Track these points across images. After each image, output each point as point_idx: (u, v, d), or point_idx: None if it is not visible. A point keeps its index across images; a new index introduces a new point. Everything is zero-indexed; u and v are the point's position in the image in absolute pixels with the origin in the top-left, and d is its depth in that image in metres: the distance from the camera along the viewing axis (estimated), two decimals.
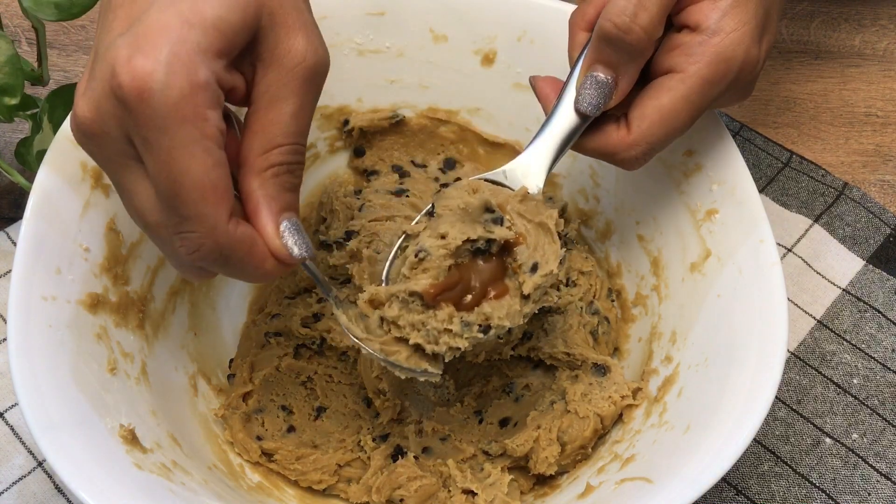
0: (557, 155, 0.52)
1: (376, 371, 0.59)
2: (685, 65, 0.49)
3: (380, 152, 0.70)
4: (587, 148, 0.52)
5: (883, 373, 0.66)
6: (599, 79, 0.49)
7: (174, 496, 0.48)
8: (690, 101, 0.49)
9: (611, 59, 0.49)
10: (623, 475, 0.51)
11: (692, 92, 0.49)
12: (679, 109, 0.49)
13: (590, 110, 0.50)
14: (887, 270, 0.70)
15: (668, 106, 0.49)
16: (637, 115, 0.50)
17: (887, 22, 0.87)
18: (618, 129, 0.51)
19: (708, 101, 0.49)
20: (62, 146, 0.53)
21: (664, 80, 0.49)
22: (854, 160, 0.78)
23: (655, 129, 0.49)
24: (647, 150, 0.50)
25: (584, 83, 0.50)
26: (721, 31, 0.48)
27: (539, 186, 0.52)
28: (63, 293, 0.51)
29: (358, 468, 0.59)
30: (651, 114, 0.49)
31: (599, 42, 0.49)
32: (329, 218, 0.67)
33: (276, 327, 0.63)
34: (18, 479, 0.60)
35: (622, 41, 0.48)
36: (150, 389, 0.55)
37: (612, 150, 0.51)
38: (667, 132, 0.50)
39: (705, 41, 0.48)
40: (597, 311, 0.63)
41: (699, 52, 0.48)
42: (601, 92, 0.50)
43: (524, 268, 0.50)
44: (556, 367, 0.61)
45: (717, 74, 0.49)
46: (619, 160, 0.51)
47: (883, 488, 0.61)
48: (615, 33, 0.48)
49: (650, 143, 0.50)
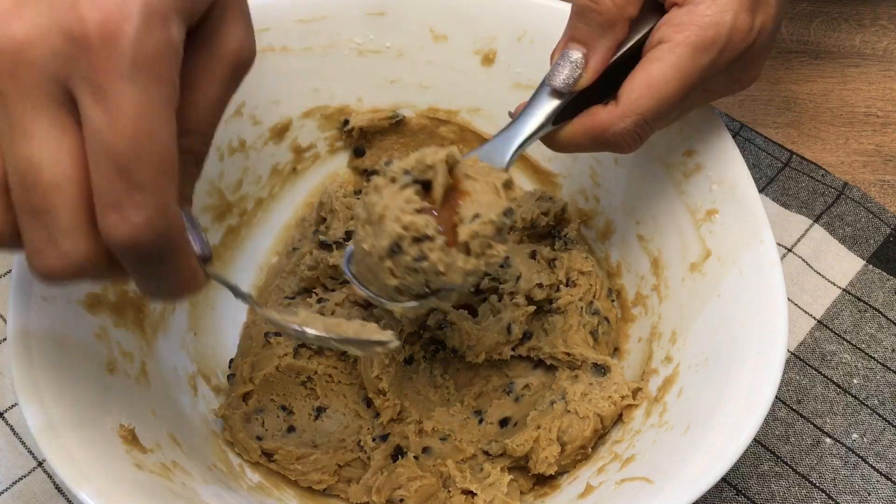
0: (530, 135, 0.52)
1: (376, 371, 0.59)
2: (672, 34, 0.49)
3: (380, 152, 0.70)
4: (578, 133, 0.51)
5: (883, 373, 0.66)
6: (571, 55, 0.50)
7: (174, 496, 0.48)
8: (679, 68, 0.48)
9: (583, 34, 0.50)
10: (623, 475, 0.51)
11: (681, 59, 0.48)
12: (669, 77, 0.49)
13: (560, 85, 0.50)
14: (887, 270, 0.70)
15: (657, 74, 0.49)
16: (626, 89, 0.50)
17: (887, 22, 0.87)
18: (605, 107, 0.50)
19: (697, 70, 0.49)
20: None
21: (652, 52, 0.49)
22: (854, 160, 0.78)
23: (644, 99, 0.49)
24: (638, 121, 0.49)
25: (558, 61, 0.51)
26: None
27: (503, 162, 0.52)
28: (63, 293, 0.51)
29: (358, 468, 0.59)
30: (640, 85, 0.49)
31: (573, 18, 0.50)
32: (329, 218, 0.67)
33: (276, 327, 0.63)
34: (18, 479, 0.60)
35: (592, 12, 0.49)
36: (150, 389, 0.55)
37: (601, 128, 0.50)
38: (657, 102, 0.49)
39: (691, 10, 0.48)
40: (597, 311, 0.63)
41: (686, 21, 0.48)
42: (572, 67, 0.50)
43: (465, 220, 0.48)
44: (556, 367, 0.61)
45: (706, 40, 0.48)
46: (610, 137, 0.50)
47: (883, 488, 0.61)
48: (586, 5, 0.49)
49: (640, 113, 0.49)
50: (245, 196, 0.66)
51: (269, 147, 0.66)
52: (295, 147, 0.68)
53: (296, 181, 0.69)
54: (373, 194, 0.49)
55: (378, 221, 0.48)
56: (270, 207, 0.69)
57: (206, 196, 0.63)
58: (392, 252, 0.47)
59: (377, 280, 0.49)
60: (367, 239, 0.49)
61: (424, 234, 0.46)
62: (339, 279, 0.65)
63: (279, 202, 0.69)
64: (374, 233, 0.48)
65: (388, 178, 0.48)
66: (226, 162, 0.64)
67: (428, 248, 0.46)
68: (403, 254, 0.47)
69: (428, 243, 0.46)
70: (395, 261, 0.47)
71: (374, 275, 0.50)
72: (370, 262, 0.49)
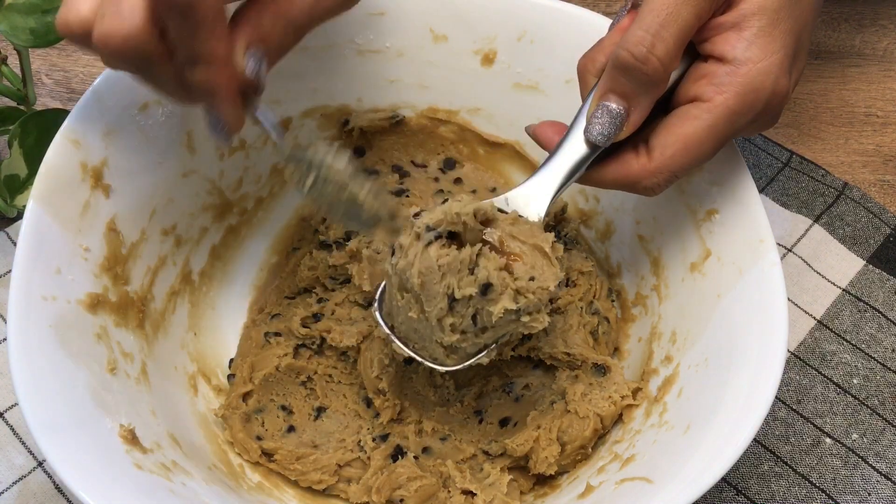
0: (563, 184, 0.52)
1: (376, 371, 0.59)
2: (712, 94, 0.48)
3: (380, 152, 0.70)
4: (607, 179, 0.52)
5: (883, 373, 0.66)
6: (612, 109, 0.49)
7: (174, 496, 0.48)
8: (716, 130, 0.48)
9: (625, 89, 0.48)
10: (623, 475, 0.51)
11: (718, 122, 0.48)
12: (704, 139, 0.48)
13: (600, 140, 0.49)
14: (887, 270, 0.70)
15: (693, 135, 0.48)
16: (660, 143, 0.49)
17: (887, 22, 0.87)
18: (638, 158, 0.50)
19: (733, 131, 0.49)
20: (62, 147, 0.53)
21: (689, 109, 0.49)
22: (854, 160, 0.78)
23: (679, 157, 0.49)
24: (670, 177, 0.50)
25: (596, 112, 0.49)
26: (749, 61, 0.47)
27: (540, 215, 0.52)
28: (63, 293, 0.51)
29: (358, 468, 0.59)
30: (675, 142, 0.49)
31: (614, 71, 0.48)
32: None
33: (276, 327, 0.63)
34: (18, 479, 0.60)
35: (638, 71, 0.47)
36: (150, 389, 0.55)
37: (633, 179, 0.50)
38: (690, 161, 0.49)
39: (733, 71, 0.48)
40: (597, 311, 0.63)
41: (727, 83, 0.48)
42: (612, 122, 0.49)
43: (521, 279, 0.49)
44: (556, 367, 0.61)
45: (745, 105, 0.48)
46: (640, 188, 0.51)
47: (883, 488, 0.61)
48: (632, 63, 0.47)
49: (673, 170, 0.49)
50: (245, 195, 0.66)
51: (270, 146, 0.66)
52: (295, 147, 0.68)
53: None
54: (401, 259, 0.50)
55: (420, 288, 0.49)
56: (270, 207, 0.69)
57: (206, 195, 0.63)
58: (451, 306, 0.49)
59: (429, 343, 0.52)
60: (412, 307, 0.50)
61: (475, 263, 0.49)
62: (339, 279, 0.65)
63: (279, 202, 0.69)
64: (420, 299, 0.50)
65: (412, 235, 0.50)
66: (226, 161, 0.64)
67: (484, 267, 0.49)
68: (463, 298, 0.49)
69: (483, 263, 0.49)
70: (455, 312, 0.50)
71: (426, 337, 0.52)
72: (421, 327, 0.51)
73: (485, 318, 0.50)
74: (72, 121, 0.54)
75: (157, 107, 0.57)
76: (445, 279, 0.49)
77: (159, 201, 0.59)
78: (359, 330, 0.61)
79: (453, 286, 0.49)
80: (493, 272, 0.49)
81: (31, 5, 0.61)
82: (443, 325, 0.50)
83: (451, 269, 0.49)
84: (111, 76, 0.55)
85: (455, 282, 0.49)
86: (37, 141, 0.66)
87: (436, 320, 0.50)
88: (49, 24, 0.61)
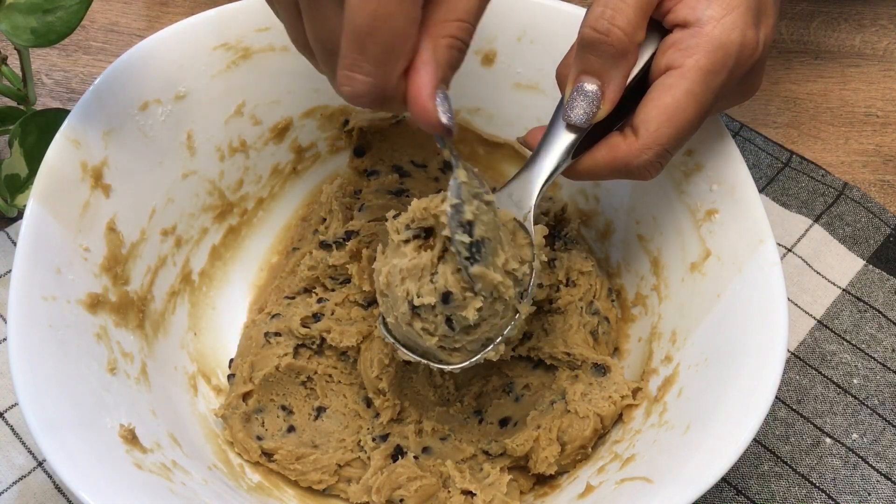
0: (551, 175, 0.52)
1: (376, 371, 0.59)
2: (682, 59, 0.48)
3: (380, 152, 0.70)
4: (599, 167, 0.52)
5: (883, 373, 0.66)
6: (586, 89, 0.49)
7: (174, 496, 0.48)
8: (693, 94, 0.48)
9: (595, 66, 0.49)
10: (623, 475, 0.51)
11: (694, 85, 0.48)
12: (684, 105, 0.48)
13: (580, 121, 0.50)
14: (887, 270, 0.70)
15: (673, 104, 0.48)
16: (642, 120, 0.49)
17: (887, 22, 0.87)
18: (625, 139, 0.50)
19: (711, 92, 0.49)
20: (62, 146, 0.53)
21: (664, 79, 0.49)
22: (854, 160, 0.78)
23: (664, 129, 0.49)
24: (660, 152, 0.50)
25: (572, 95, 0.50)
26: (711, 19, 0.48)
27: (530, 206, 0.53)
28: (63, 293, 0.51)
29: (358, 468, 0.59)
30: (657, 115, 0.49)
31: (582, 51, 0.49)
32: (329, 218, 0.67)
33: (276, 327, 0.63)
34: (18, 479, 0.60)
35: (604, 44, 0.48)
36: (149, 389, 0.55)
37: (624, 161, 0.50)
38: (676, 131, 0.49)
39: (697, 32, 0.48)
40: (597, 311, 0.63)
41: (693, 45, 0.48)
42: (589, 102, 0.49)
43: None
44: (556, 367, 0.61)
45: (717, 63, 0.48)
46: (632, 170, 0.51)
47: (883, 488, 0.61)
48: (596, 37, 0.48)
49: (661, 143, 0.49)
50: (245, 196, 0.66)
51: (270, 147, 0.66)
52: (295, 147, 0.68)
53: (296, 181, 0.69)
54: (379, 261, 0.50)
55: (387, 289, 0.49)
56: (271, 207, 0.69)
57: (206, 196, 0.63)
58: (415, 311, 0.49)
59: (420, 346, 0.51)
60: (389, 312, 0.50)
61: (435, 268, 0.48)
62: (339, 279, 0.65)
63: (279, 202, 0.69)
64: (391, 303, 0.50)
65: (391, 236, 0.50)
66: (226, 162, 0.64)
67: (443, 274, 0.48)
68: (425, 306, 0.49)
69: (442, 270, 0.48)
70: (421, 318, 0.49)
71: (414, 341, 0.51)
72: (403, 332, 0.51)
73: (461, 322, 0.50)
74: (72, 121, 0.54)
75: (157, 107, 0.57)
76: (405, 284, 0.49)
77: (159, 201, 0.59)
78: (359, 330, 0.61)
79: (412, 293, 0.49)
80: (451, 278, 0.48)
81: (32, 5, 0.61)
82: (414, 329, 0.50)
83: (410, 275, 0.49)
84: (111, 76, 0.55)
85: (414, 289, 0.49)
86: (37, 141, 0.66)
87: (405, 325, 0.50)
88: (49, 23, 0.61)
